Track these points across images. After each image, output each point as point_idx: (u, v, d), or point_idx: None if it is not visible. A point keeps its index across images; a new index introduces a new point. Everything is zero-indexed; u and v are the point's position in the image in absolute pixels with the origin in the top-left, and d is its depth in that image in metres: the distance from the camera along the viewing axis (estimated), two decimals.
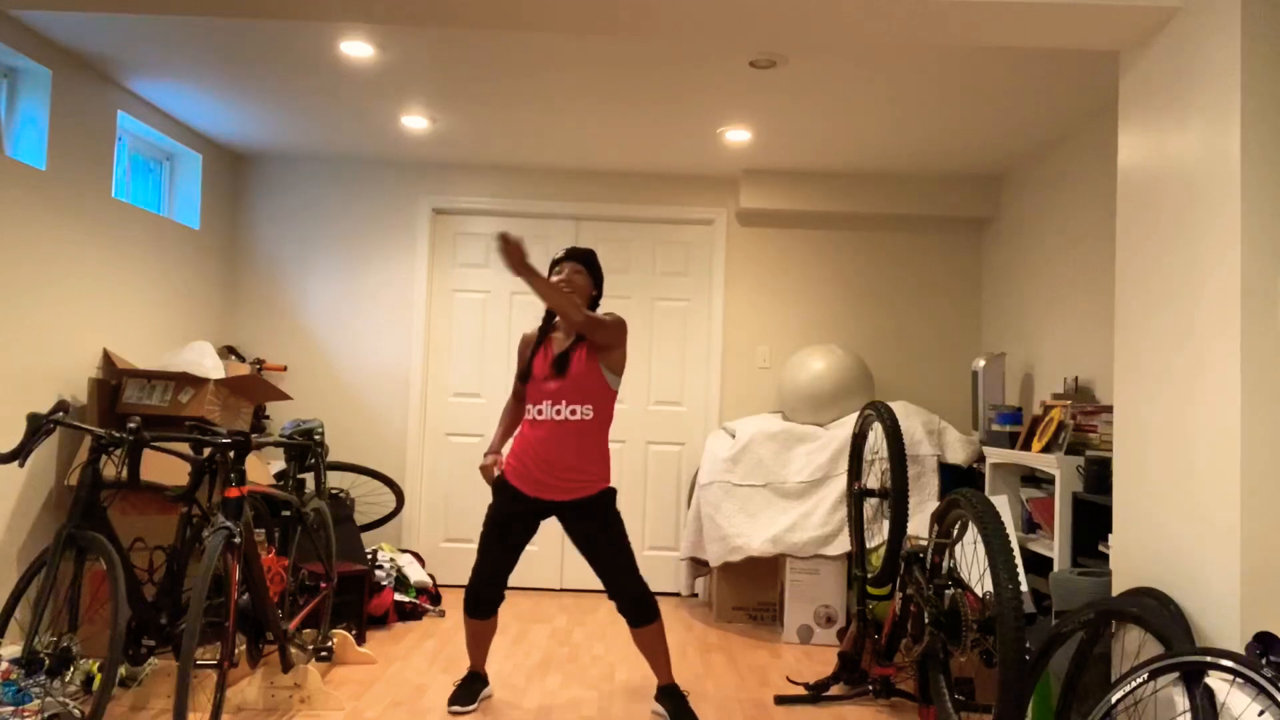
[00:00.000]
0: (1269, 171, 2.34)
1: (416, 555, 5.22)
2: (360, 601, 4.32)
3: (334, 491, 4.88)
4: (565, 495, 3.37)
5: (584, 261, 3.47)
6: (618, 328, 3.33)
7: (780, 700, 3.66)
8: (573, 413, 3.34)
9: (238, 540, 2.92)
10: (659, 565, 5.57)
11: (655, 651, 3.42)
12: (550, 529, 5.56)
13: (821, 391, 4.96)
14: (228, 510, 2.95)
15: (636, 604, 3.36)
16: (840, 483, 4.69)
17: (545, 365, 3.41)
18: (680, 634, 4.68)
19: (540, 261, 5.64)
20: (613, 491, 3.43)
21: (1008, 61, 3.68)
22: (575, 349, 3.39)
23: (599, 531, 3.36)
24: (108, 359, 4.26)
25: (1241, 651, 2.26)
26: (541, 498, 3.38)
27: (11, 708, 3.01)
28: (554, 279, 3.44)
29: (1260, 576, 2.28)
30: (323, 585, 3.84)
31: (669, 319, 5.66)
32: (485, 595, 3.42)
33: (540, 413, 3.37)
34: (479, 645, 3.54)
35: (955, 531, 3.17)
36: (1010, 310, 5.20)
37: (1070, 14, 2.68)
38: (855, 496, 3.91)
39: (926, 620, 3.18)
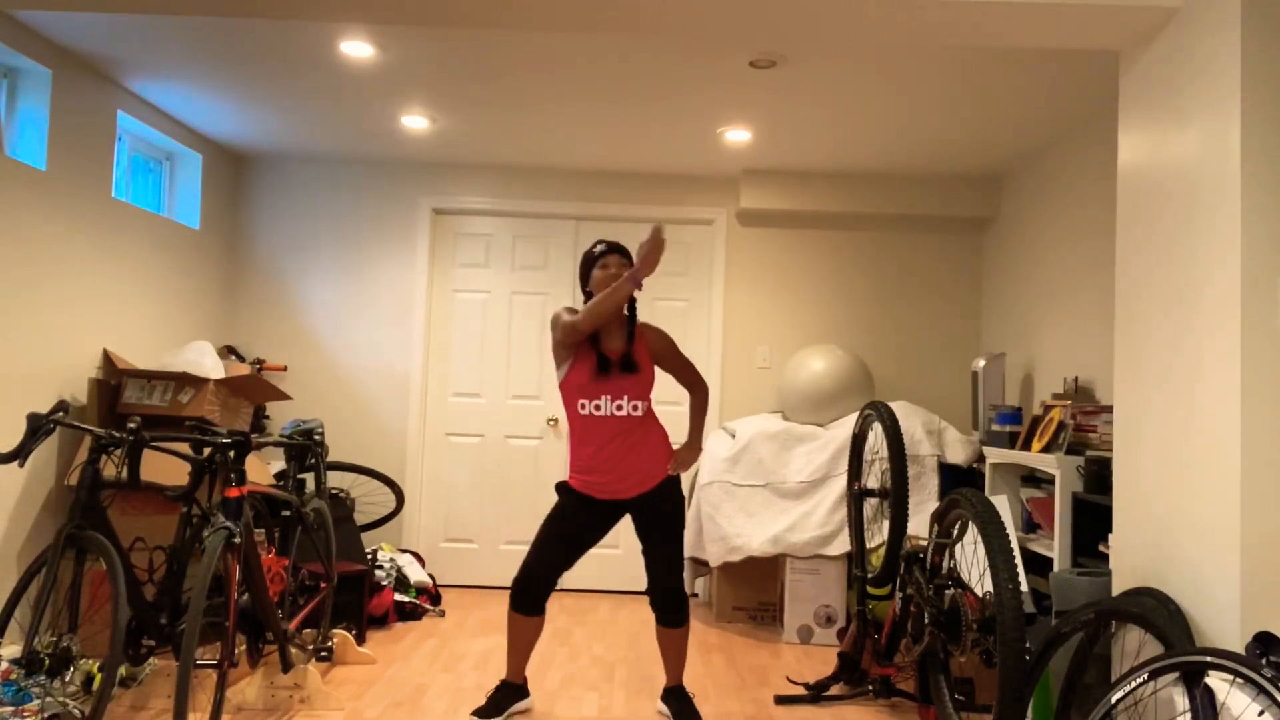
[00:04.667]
0: (1269, 171, 2.34)
1: (416, 555, 5.22)
2: (360, 601, 4.32)
3: (334, 491, 4.88)
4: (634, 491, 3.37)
5: (625, 255, 3.42)
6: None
7: (780, 700, 3.66)
8: (635, 408, 3.34)
9: (238, 540, 2.92)
10: None
11: (679, 652, 3.38)
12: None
13: (821, 391, 4.96)
14: (228, 510, 2.95)
15: (671, 597, 3.35)
16: (840, 483, 4.69)
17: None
18: None
19: (545, 258, 5.65)
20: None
21: (1008, 61, 3.68)
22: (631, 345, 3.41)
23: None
24: (108, 359, 4.26)
25: (1241, 651, 2.25)
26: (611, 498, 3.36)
27: (11, 708, 3.01)
28: (603, 272, 3.37)
29: (1260, 576, 2.28)
30: (323, 585, 3.84)
31: (669, 319, 5.66)
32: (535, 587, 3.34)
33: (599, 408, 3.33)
34: (521, 648, 3.40)
35: (955, 531, 3.17)
36: (1010, 310, 5.20)
37: (1070, 14, 2.68)
38: (855, 496, 3.91)
39: (926, 620, 3.18)
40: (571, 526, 3.34)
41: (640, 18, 2.85)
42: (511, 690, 3.43)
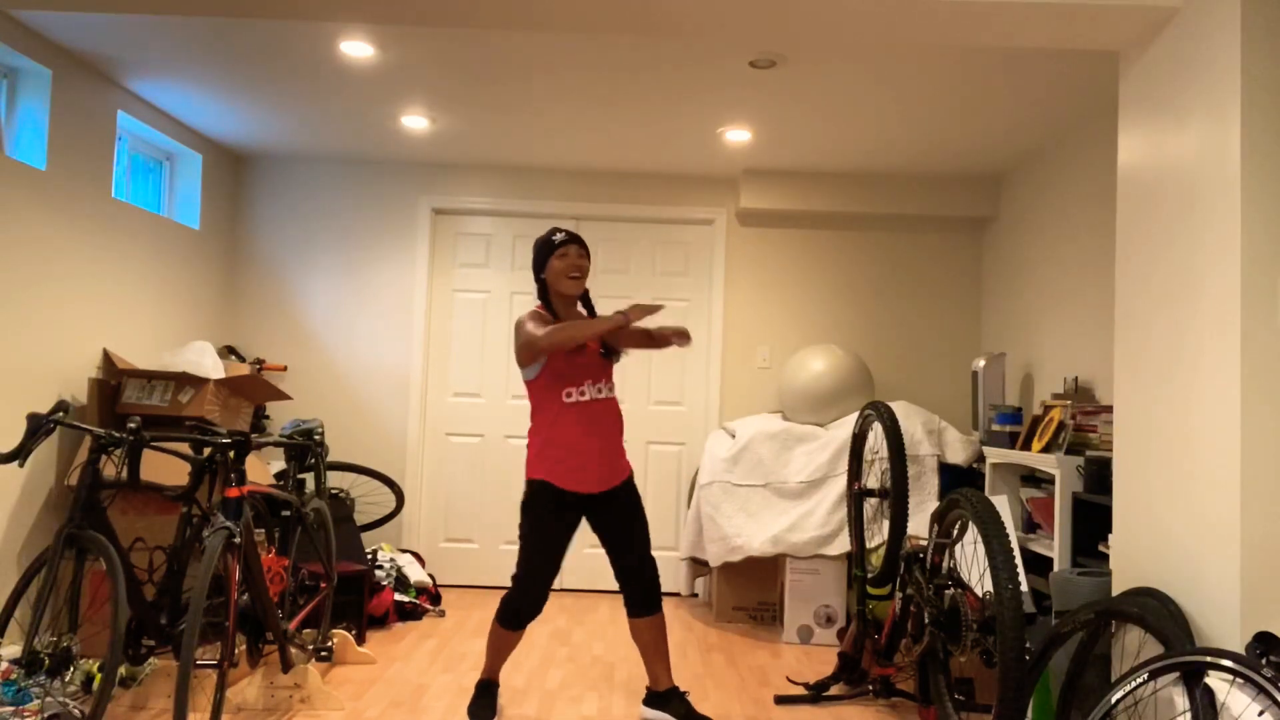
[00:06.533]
0: (1269, 171, 2.34)
1: (416, 555, 5.22)
2: (360, 601, 4.32)
3: (334, 491, 4.88)
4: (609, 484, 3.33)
5: (583, 245, 3.37)
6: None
7: (780, 700, 3.66)
8: (611, 389, 3.38)
9: (238, 540, 2.92)
10: (659, 565, 5.57)
11: (661, 645, 3.36)
12: None
13: (821, 391, 4.96)
14: (228, 510, 2.95)
15: (654, 583, 3.35)
16: (840, 483, 4.69)
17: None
18: (680, 634, 4.68)
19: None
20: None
21: (1008, 61, 3.68)
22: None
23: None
24: (108, 359, 4.26)
25: (1241, 651, 2.26)
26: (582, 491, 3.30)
27: (11, 708, 3.01)
28: (561, 262, 3.30)
29: (1260, 576, 2.28)
30: (323, 585, 3.84)
31: (669, 319, 5.66)
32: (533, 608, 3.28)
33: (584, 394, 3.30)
34: (504, 656, 3.39)
35: (955, 531, 3.17)
36: (1010, 310, 5.20)
37: (1070, 14, 2.68)
38: (855, 496, 3.91)
39: (926, 620, 3.18)
40: (561, 534, 3.26)
41: (641, 18, 2.85)
42: (494, 687, 3.43)
